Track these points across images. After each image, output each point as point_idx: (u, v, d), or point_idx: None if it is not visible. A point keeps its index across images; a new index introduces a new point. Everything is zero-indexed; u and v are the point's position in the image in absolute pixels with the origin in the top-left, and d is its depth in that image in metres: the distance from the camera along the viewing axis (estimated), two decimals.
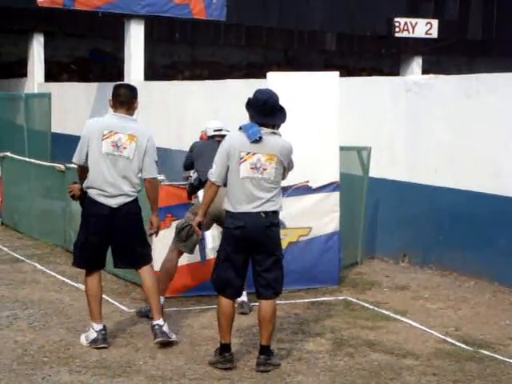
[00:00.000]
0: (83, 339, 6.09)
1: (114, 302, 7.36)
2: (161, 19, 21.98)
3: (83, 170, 6.11)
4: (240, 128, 5.72)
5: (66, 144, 17.93)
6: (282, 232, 6.05)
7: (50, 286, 7.92)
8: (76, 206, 9.44)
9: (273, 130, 5.70)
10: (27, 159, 11.08)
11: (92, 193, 6.04)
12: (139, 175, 6.09)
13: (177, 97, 13.75)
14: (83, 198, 6.16)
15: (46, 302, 7.30)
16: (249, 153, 5.61)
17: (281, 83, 7.65)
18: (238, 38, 24.27)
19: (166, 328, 6.10)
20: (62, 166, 9.82)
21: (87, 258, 6.10)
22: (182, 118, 13.59)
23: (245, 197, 5.60)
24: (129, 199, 6.04)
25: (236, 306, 6.03)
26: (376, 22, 24.56)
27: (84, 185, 6.10)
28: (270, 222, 5.65)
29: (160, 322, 6.10)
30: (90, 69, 25.16)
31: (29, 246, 9.93)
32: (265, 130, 5.64)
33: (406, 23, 23.62)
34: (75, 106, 17.17)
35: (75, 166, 7.38)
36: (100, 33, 23.18)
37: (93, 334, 6.05)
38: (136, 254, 6.15)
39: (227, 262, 5.66)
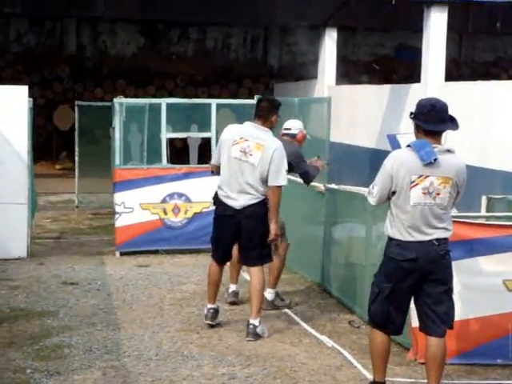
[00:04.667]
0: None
1: (357, 364, 6.61)
2: (479, 6, 20.92)
3: (218, 168, 7.45)
4: (409, 146, 5.58)
5: (354, 158, 17.54)
6: None
7: (287, 337, 7.38)
8: (337, 235, 9.01)
9: (447, 148, 5.55)
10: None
11: (220, 194, 7.34)
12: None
13: (481, 101, 12.61)
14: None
15: (275, 357, 6.75)
16: (421, 176, 5.51)
17: None
18: None
19: (259, 329, 7.24)
20: (321, 186, 9.32)
21: (217, 251, 7.49)
22: (486, 127, 12.44)
23: (415, 225, 5.55)
24: (252, 201, 7.20)
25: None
26: None
27: (218, 184, 7.39)
28: (445, 249, 5.59)
29: (256, 322, 7.24)
30: (394, 68, 24.71)
31: (283, 280, 9.51)
32: (438, 148, 5.49)
33: None
34: (366, 113, 16.69)
35: (336, 187, 9.04)
36: (407, 26, 22.63)
37: (204, 311, 7.59)
38: (251, 252, 7.33)
39: (391, 296, 5.62)
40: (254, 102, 12.37)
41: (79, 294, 8.85)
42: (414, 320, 6.65)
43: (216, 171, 7.52)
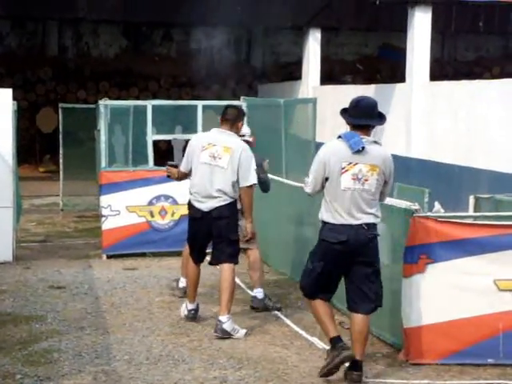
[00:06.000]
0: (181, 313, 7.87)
1: None
2: (463, 6, 20.98)
3: (184, 175, 7.86)
4: (339, 137, 6.11)
5: None
6: None
7: (279, 339, 7.37)
8: None
9: (374, 139, 6.13)
10: (277, 178, 10.61)
11: (191, 198, 7.67)
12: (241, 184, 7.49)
13: (466, 101, 12.66)
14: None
15: (267, 360, 6.73)
16: (350, 163, 6.04)
17: None
18: None
19: (227, 326, 7.32)
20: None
21: (192, 252, 7.80)
22: (472, 126, 12.49)
23: (346, 209, 6.06)
24: (220, 204, 7.46)
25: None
26: None
27: (189, 189, 7.69)
28: (373, 234, 6.14)
29: (223, 318, 7.33)
30: (377, 68, 24.75)
31: (271, 282, 9.53)
32: (366, 139, 6.04)
33: None
34: None
35: None
36: (390, 25, 22.67)
37: (184, 311, 7.83)
38: (221, 251, 7.54)
39: (321, 275, 6.17)
40: (239, 103, 12.39)
41: (67, 298, 8.80)
42: (405, 321, 6.68)
43: (181, 177, 7.95)
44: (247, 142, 8.63)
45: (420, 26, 14.44)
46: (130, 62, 24.38)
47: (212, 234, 7.55)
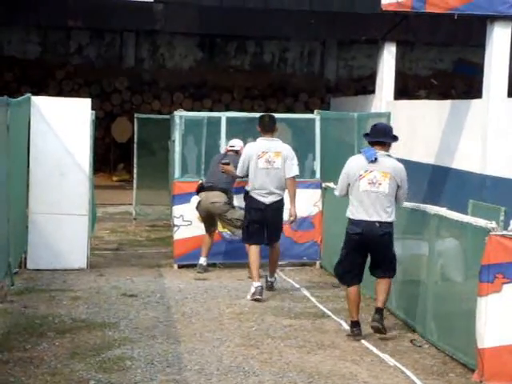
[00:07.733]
0: (248, 297, 9.35)
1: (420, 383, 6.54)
2: None
3: (240, 178, 10.10)
4: (360, 151, 8.07)
5: (411, 173, 17.34)
6: None
7: (349, 354, 7.33)
8: (397, 252, 8.94)
9: (387, 153, 7.87)
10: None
11: (252, 193, 9.60)
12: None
13: None
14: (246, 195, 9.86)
15: (337, 375, 6.70)
16: (366, 170, 7.79)
17: None
18: None
19: (275, 284, 9.91)
20: None
21: (251, 236, 9.65)
22: None
23: (363, 207, 7.80)
24: (278, 198, 9.59)
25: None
26: None
27: (247, 187, 9.72)
28: (384, 231, 7.80)
29: (272, 279, 9.93)
30: (452, 83, 24.47)
31: (340, 297, 9.49)
32: (380, 153, 7.79)
33: None
34: (425, 129, 16.54)
35: None
36: (467, 40, 22.43)
37: (252, 289, 9.32)
38: (274, 234, 9.74)
39: (347, 258, 7.99)
40: (312, 116, 12.40)
41: (139, 306, 8.90)
42: (479, 341, 6.57)
43: (235, 177, 10.27)
44: (237, 151, 10.89)
45: (499, 41, 14.18)
46: (204, 74, 24.59)
47: (267, 220, 9.52)
